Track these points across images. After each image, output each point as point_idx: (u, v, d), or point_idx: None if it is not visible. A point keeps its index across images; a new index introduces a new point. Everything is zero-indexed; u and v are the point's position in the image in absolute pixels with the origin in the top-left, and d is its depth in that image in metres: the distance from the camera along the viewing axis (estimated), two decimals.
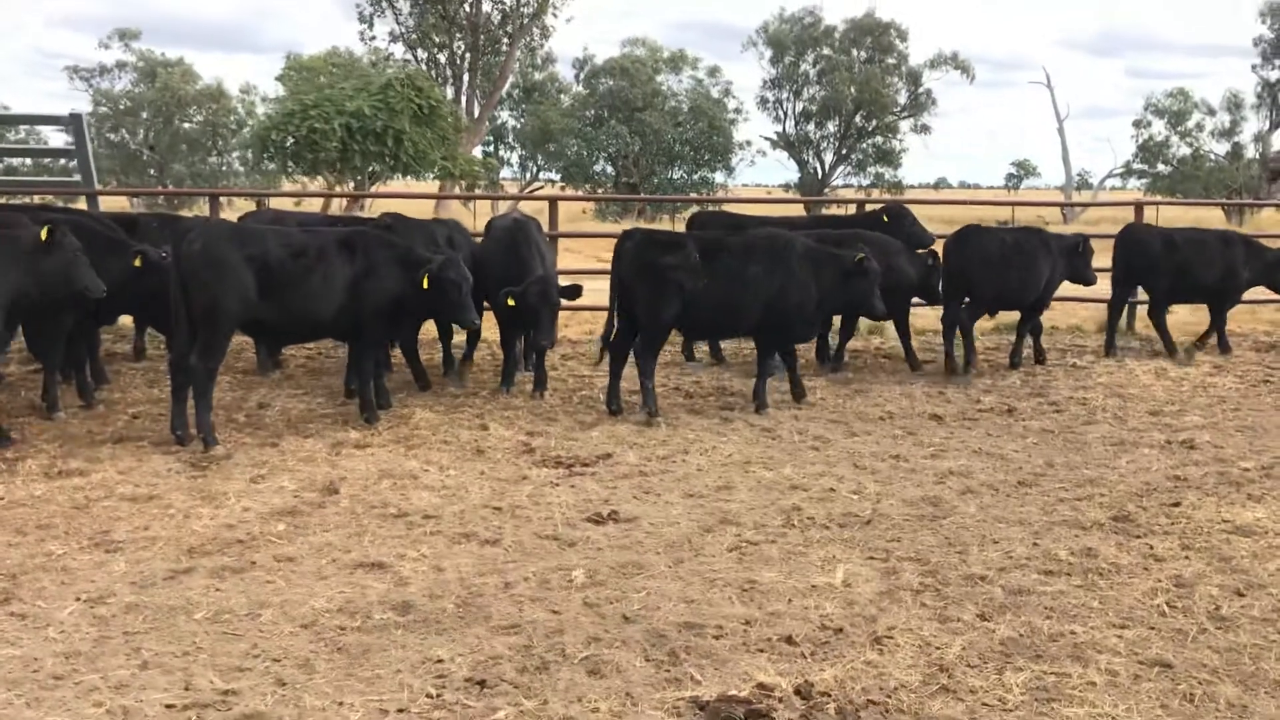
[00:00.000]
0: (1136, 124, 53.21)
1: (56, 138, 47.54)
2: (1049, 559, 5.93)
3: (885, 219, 12.37)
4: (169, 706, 4.21)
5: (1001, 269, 11.06)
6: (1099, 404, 9.87)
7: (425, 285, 8.52)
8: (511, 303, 9.35)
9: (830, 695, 4.38)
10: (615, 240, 9.53)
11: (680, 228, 13.97)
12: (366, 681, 4.44)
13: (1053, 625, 5.07)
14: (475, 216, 30.34)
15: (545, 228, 12.47)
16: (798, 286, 9.26)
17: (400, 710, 4.22)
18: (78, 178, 22.16)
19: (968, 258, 11.09)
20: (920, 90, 52.56)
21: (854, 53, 52.80)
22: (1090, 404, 9.87)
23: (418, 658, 4.65)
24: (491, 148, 49.56)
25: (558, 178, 50.33)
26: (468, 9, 35.64)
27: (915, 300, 11.56)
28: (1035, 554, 6.01)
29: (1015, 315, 11.94)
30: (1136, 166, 53.93)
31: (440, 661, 4.62)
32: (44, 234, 7.75)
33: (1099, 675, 4.56)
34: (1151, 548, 6.11)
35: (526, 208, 33.62)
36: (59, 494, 6.78)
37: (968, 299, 11.16)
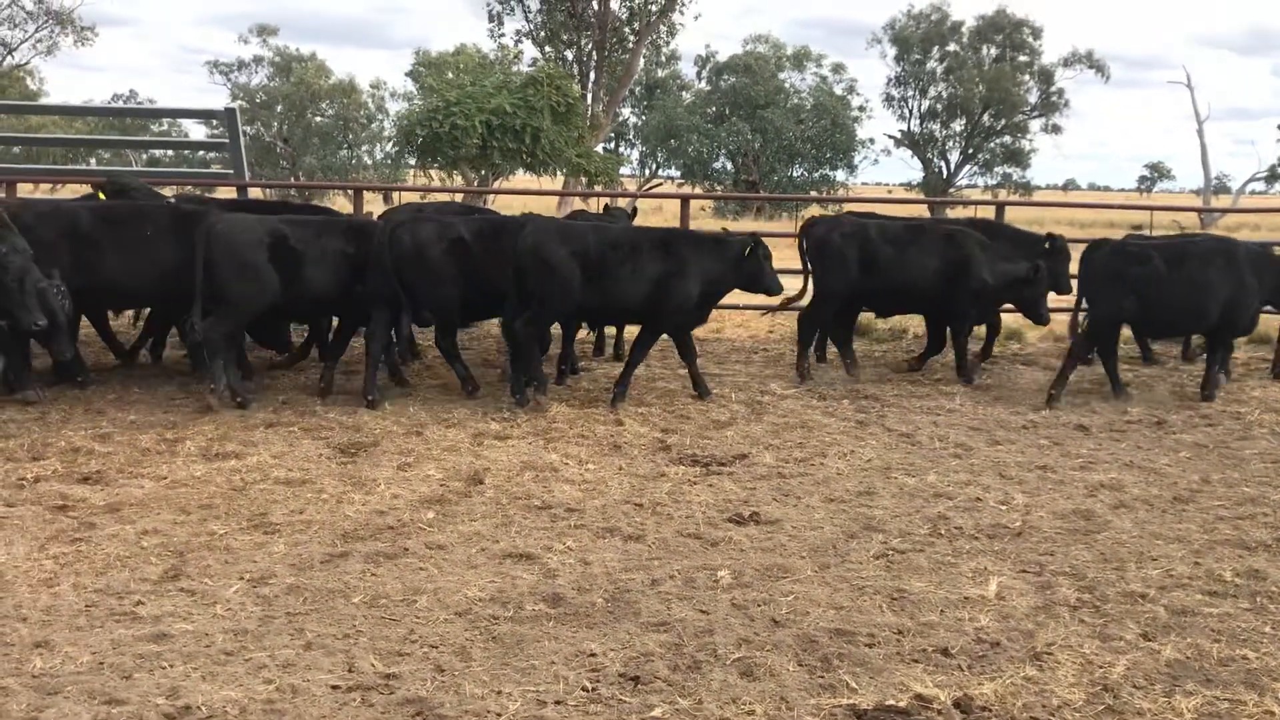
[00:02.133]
0: None
1: (196, 130, 49.58)
2: (1212, 579, 5.70)
3: (1047, 246, 11.65)
4: (334, 687, 4.33)
5: None
6: (1254, 419, 9.45)
7: (746, 255, 9.56)
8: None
9: (990, 710, 4.28)
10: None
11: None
12: (522, 672, 4.50)
13: (1222, 649, 4.87)
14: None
15: (677, 225, 12.55)
16: (1246, 289, 10.00)
17: (557, 702, 4.26)
18: (217, 168, 23.03)
19: None
20: (1052, 89, 51.18)
21: (983, 50, 51.69)
22: (1245, 419, 9.46)
23: (570, 650, 4.69)
24: (612, 144, 49.85)
25: (676, 174, 50.38)
26: (596, 6, 35.88)
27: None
28: (1198, 573, 5.78)
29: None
30: None
31: (593, 655, 4.65)
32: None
33: (1277, 705, 4.36)
34: None
35: (646, 205, 33.74)
36: (217, 475, 7.03)
37: None
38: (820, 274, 10.64)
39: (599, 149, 32.55)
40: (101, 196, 10.47)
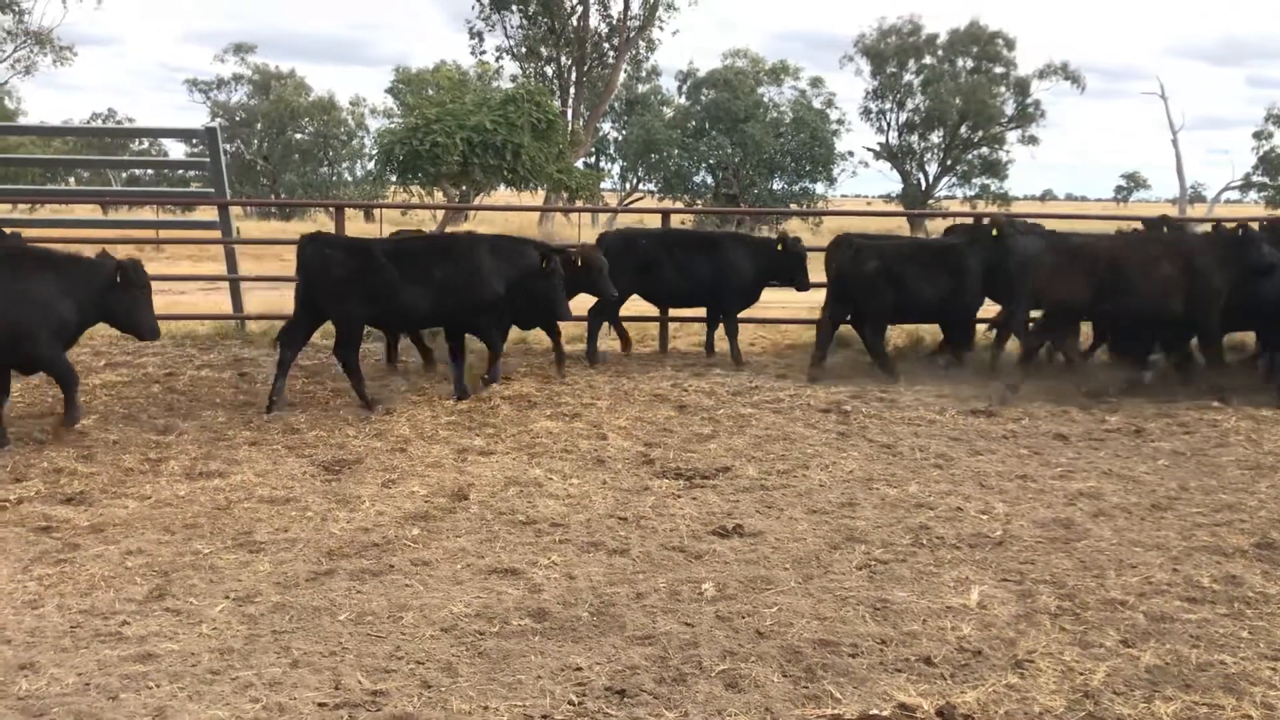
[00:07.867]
0: (1257, 135, 51.44)
1: (176, 149, 49.54)
2: (1191, 586, 5.76)
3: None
4: (321, 705, 4.34)
5: None
6: (1230, 426, 9.55)
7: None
8: None
9: (973, 718, 4.32)
10: None
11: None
12: (509, 687, 4.52)
13: (1200, 655, 4.93)
14: (579, 228, 30.61)
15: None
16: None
17: (544, 717, 4.28)
18: (197, 187, 22.96)
19: None
20: (1028, 101, 51.55)
21: (959, 62, 52.04)
22: (1221, 426, 9.56)
23: (557, 665, 4.72)
24: (593, 159, 49.99)
25: (656, 189, 50.48)
26: (576, 23, 36.07)
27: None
28: (1176, 580, 5.85)
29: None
30: (1256, 179, 52.08)
31: (579, 669, 4.68)
32: None
33: (1255, 709, 4.43)
34: None
35: (628, 219, 33.84)
36: (201, 495, 7.03)
37: None
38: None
39: (580, 164, 32.67)
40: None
